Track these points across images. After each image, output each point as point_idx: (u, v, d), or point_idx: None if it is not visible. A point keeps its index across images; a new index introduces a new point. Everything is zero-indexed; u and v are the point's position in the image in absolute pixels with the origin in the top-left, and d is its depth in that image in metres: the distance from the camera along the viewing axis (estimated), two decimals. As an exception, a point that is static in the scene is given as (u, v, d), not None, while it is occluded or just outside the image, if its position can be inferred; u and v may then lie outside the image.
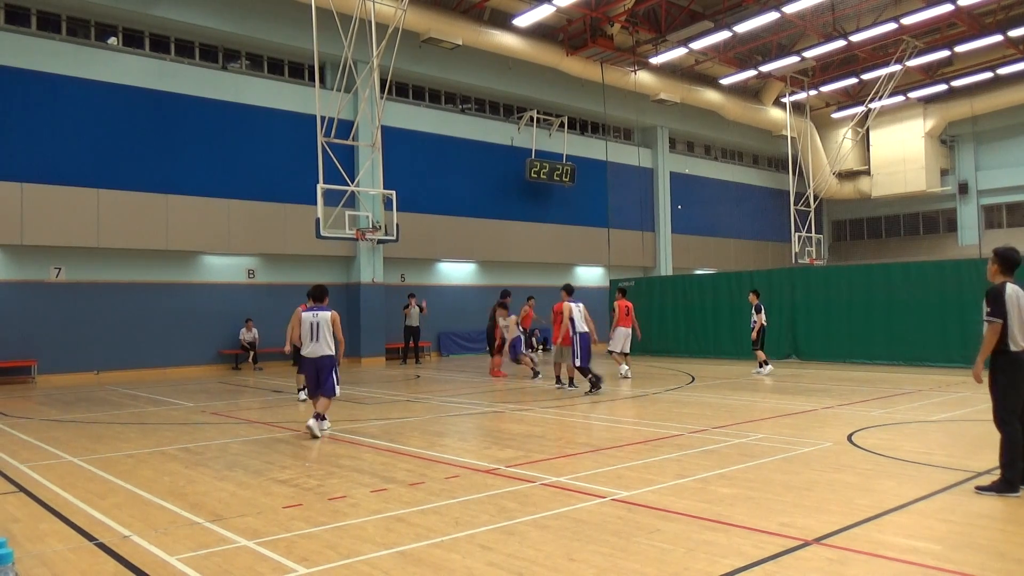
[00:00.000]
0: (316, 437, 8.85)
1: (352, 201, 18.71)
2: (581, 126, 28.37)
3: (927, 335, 16.76)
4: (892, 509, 5.34)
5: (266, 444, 8.64)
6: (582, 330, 13.02)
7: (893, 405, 10.81)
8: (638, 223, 29.23)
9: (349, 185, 18.00)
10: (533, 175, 25.31)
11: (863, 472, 6.53)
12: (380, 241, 19.36)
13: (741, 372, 16.46)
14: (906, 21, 22.64)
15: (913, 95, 30.77)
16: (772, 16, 21.96)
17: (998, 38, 24.83)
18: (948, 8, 21.72)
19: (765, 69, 26.84)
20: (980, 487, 5.78)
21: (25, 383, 16.93)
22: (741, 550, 4.51)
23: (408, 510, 5.54)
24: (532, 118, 25.75)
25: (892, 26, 23.12)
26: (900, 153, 32.81)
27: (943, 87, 30.02)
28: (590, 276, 28.46)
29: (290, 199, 20.35)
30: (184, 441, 8.84)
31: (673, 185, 30.88)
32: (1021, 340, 5.72)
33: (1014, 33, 24.60)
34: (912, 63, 26.59)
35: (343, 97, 18.16)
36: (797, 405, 11.01)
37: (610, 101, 25.92)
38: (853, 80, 29.82)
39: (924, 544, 4.57)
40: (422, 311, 21.45)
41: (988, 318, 5.74)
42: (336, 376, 9.27)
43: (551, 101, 26.19)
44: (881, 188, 33.74)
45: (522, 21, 21.92)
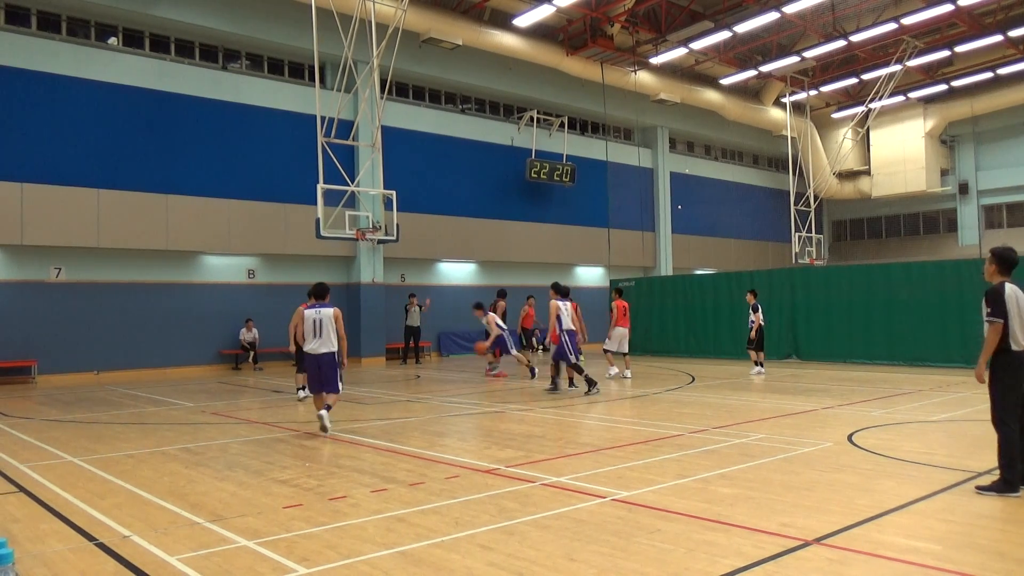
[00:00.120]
0: (326, 429, 8.89)
1: (352, 201, 18.70)
2: (581, 126, 28.36)
3: (927, 335, 16.76)
4: (892, 509, 5.34)
5: (266, 444, 8.64)
6: (568, 328, 13.06)
7: (893, 405, 10.81)
8: (638, 223, 29.22)
9: (349, 185, 18.00)
10: (533, 175, 25.30)
11: (863, 472, 6.52)
12: (380, 241, 19.35)
13: (741, 372, 16.46)
14: (906, 21, 22.62)
15: (913, 95, 30.75)
16: (772, 16, 21.94)
17: (998, 38, 24.82)
18: (948, 8, 21.70)
19: (765, 69, 26.82)
20: (980, 487, 5.78)
21: (25, 383, 16.93)
22: (741, 550, 4.51)
23: (408, 510, 5.54)
24: (532, 118, 25.75)
25: (892, 26, 23.10)
26: (900, 153, 32.79)
27: (943, 87, 30.00)
28: (590, 276, 28.46)
29: (290, 199, 20.36)
30: (184, 441, 8.84)
31: (673, 185, 30.87)
32: (1022, 339, 5.73)
33: (1014, 33, 24.59)
34: (912, 63, 26.57)
35: (343, 97, 18.15)
36: (797, 405, 11.01)
37: (610, 101, 25.91)
38: (853, 80, 29.81)
39: (924, 544, 4.57)
40: (423, 309, 21.46)
41: (989, 318, 5.74)
42: (340, 373, 9.30)
43: (551, 101, 26.18)
44: (881, 188, 33.72)
45: (522, 21, 21.90)
